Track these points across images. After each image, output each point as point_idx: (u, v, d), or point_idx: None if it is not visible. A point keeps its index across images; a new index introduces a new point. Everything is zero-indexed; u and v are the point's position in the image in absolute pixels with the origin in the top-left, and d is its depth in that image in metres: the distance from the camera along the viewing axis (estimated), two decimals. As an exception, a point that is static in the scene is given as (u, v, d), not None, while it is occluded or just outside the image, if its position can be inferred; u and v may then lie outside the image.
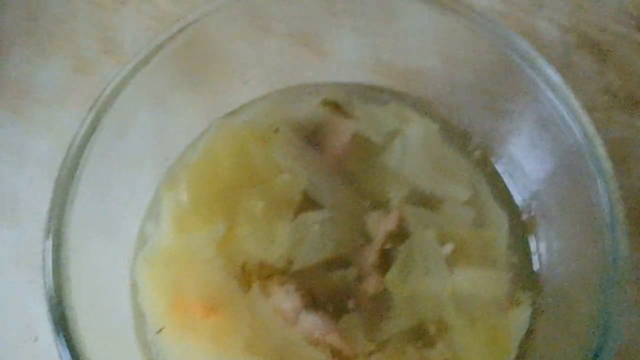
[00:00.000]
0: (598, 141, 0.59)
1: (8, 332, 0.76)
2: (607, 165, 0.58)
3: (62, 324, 0.56)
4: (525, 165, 0.68)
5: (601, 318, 0.56)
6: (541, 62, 0.62)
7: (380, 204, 0.69)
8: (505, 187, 0.70)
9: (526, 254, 0.68)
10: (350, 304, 0.65)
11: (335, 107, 0.72)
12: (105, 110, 0.61)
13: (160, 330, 0.65)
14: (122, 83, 0.62)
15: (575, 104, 0.60)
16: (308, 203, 0.68)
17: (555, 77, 0.61)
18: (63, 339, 0.55)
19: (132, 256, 0.68)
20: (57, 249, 0.58)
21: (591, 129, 0.59)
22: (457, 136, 0.72)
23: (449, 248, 0.66)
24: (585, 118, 0.60)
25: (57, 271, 0.57)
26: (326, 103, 0.72)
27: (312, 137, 0.71)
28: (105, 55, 0.84)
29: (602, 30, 0.82)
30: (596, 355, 0.55)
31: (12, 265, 0.78)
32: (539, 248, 0.68)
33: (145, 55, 0.63)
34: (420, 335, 0.65)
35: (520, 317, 0.66)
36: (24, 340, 0.75)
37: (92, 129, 0.60)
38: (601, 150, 0.58)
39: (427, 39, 0.71)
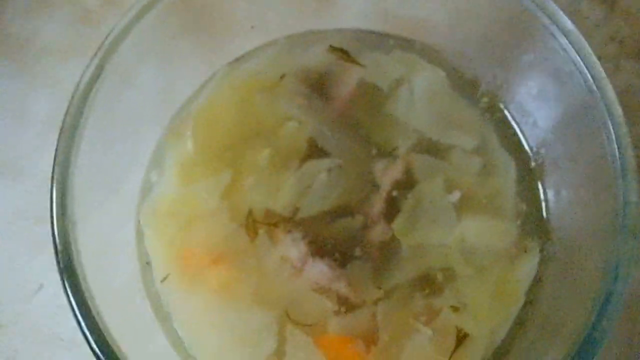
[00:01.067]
0: (609, 86, 0.58)
1: (13, 281, 0.76)
2: (618, 110, 0.57)
3: (68, 270, 0.55)
4: (534, 113, 0.67)
5: (610, 265, 0.55)
6: (554, 9, 0.61)
7: (387, 152, 0.68)
8: (513, 134, 0.69)
9: (535, 202, 0.68)
10: (357, 252, 0.65)
11: (342, 54, 0.71)
12: (108, 58, 0.60)
13: (165, 278, 0.64)
14: (125, 30, 0.61)
15: (588, 49, 0.59)
16: (314, 151, 0.68)
17: (568, 24, 0.60)
18: (70, 285, 0.55)
19: (136, 205, 0.67)
20: (63, 196, 0.57)
21: (602, 74, 0.58)
22: (465, 84, 0.71)
23: (456, 196, 0.66)
24: (596, 63, 0.59)
25: (62, 218, 0.56)
26: (332, 50, 0.71)
27: (318, 85, 0.70)
28: (109, 6, 0.83)
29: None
30: (605, 303, 0.54)
31: (17, 218, 0.78)
32: (548, 195, 0.67)
33: (148, 2, 0.62)
34: (428, 283, 0.65)
35: (528, 265, 0.65)
36: (29, 289, 0.76)
37: (96, 75, 0.60)
38: (612, 95, 0.58)
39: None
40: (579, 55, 0.60)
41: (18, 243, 0.77)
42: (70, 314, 0.71)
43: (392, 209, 0.66)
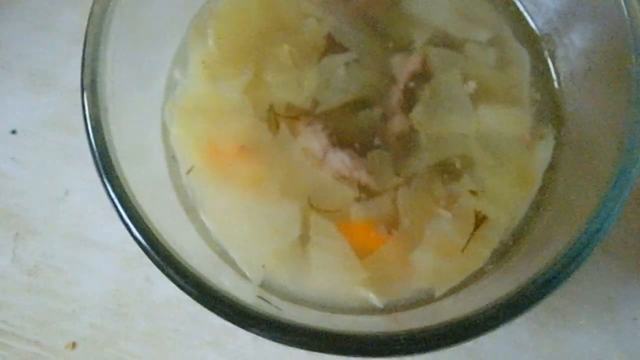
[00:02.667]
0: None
1: (40, 190, 0.78)
2: (630, -11, 0.58)
3: (105, 166, 0.57)
4: (545, 1, 0.69)
5: (623, 142, 0.57)
6: None
7: (404, 46, 0.70)
8: (527, 25, 0.71)
9: (549, 90, 0.69)
10: (377, 142, 0.67)
11: (359, -47, 0.72)
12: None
13: (190, 170, 0.66)
14: None
15: None
16: (333, 47, 0.69)
17: None
18: (108, 180, 0.56)
19: (162, 102, 0.69)
20: (93, 88, 0.58)
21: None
22: (478, -22, 0.72)
23: (472, 86, 0.68)
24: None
25: (95, 111, 0.58)
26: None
27: (337, -15, 0.72)
28: None
29: None
30: (618, 177, 0.56)
31: (44, 128, 0.80)
32: (561, 82, 0.69)
33: None
34: (446, 170, 0.67)
35: (543, 151, 0.67)
36: (55, 197, 0.78)
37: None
38: (623, -25, 0.59)
39: None
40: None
41: (45, 153, 0.79)
42: (98, 218, 0.75)
43: (409, 100, 0.68)
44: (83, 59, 0.59)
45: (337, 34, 0.69)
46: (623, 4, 0.58)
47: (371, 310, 0.64)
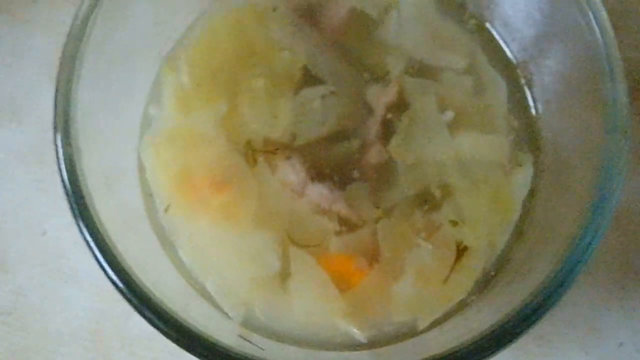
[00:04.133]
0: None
1: (17, 227, 0.77)
2: (602, 12, 0.58)
3: (79, 206, 0.56)
4: (521, 30, 0.69)
5: (602, 166, 0.56)
6: None
7: (380, 77, 0.70)
8: (501, 52, 0.71)
9: (526, 116, 0.69)
10: (355, 174, 0.67)
11: (330, -17, 0.72)
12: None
13: (167, 208, 0.65)
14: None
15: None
16: (309, 79, 0.69)
17: None
18: (82, 220, 0.55)
19: (137, 138, 0.68)
20: (66, 127, 0.57)
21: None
22: (452, 6, 0.72)
23: (449, 114, 0.67)
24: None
25: (68, 150, 0.57)
26: (320, -20, 0.72)
27: (310, 14, 0.72)
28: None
29: None
30: (598, 203, 0.56)
31: (18, 164, 0.79)
32: (538, 108, 0.69)
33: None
34: (426, 200, 0.66)
35: (522, 178, 0.67)
36: (32, 235, 0.77)
37: (90, 11, 0.60)
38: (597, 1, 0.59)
39: None
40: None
41: (20, 187, 0.78)
42: (73, 252, 0.74)
43: (387, 131, 0.68)
44: (55, 100, 0.58)
45: (312, 66, 0.69)
46: (597, 29, 0.58)
47: (355, 346, 0.64)
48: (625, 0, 0.80)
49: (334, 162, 0.67)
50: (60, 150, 0.57)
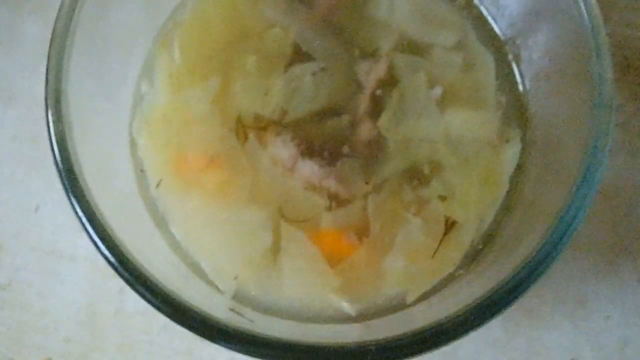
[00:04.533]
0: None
1: (9, 204, 0.78)
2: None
3: (71, 183, 0.56)
4: (508, 5, 0.70)
5: (588, 141, 0.57)
6: None
7: (370, 53, 0.70)
8: (490, 29, 0.72)
9: (514, 93, 0.70)
10: (345, 150, 0.67)
11: (321, -39, 0.72)
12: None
13: (159, 183, 0.66)
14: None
15: None
16: (299, 56, 0.69)
17: None
18: (74, 198, 0.56)
19: (129, 115, 0.69)
20: (57, 105, 0.58)
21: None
22: (441, -17, 0.72)
23: (438, 91, 0.68)
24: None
25: (59, 127, 0.58)
26: (311, -43, 0.72)
27: (301, -9, 0.72)
28: None
29: None
30: (584, 176, 0.56)
31: (10, 142, 0.79)
32: (526, 85, 0.69)
33: None
34: (415, 176, 0.67)
35: (510, 153, 0.68)
36: (25, 210, 0.78)
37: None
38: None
39: None
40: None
41: (14, 166, 0.78)
42: (68, 231, 0.74)
43: (377, 107, 0.68)
44: (47, 76, 0.58)
45: (303, 42, 0.69)
46: (583, 6, 0.59)
47: (344, 319, 0.65)
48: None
49: (324, 138, 0.67)
50: (52, 127, 0.57)
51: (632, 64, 0.78)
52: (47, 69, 0.58)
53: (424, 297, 0.64)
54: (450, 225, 0.65)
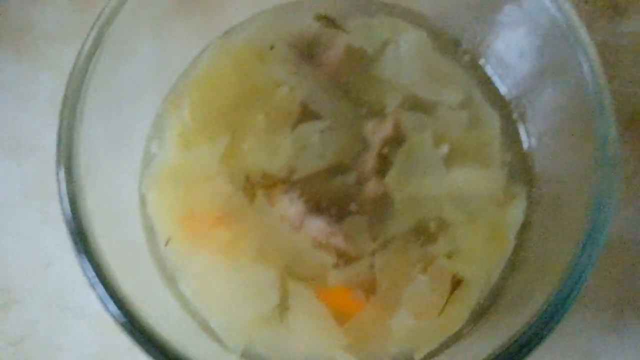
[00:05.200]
0: (582, 30, 0.60)
1: (21, 260, 0.79)
2: (593, 51, 0.59)
3: (82, 242, 0.57)
4: (514, 65, 0.70)
5: (593, 198, 0.57)
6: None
7: (377, 112, 0.71)
8: (495, 87, 0.72)
9: (519, 150, 0.70)
10: (353, 207, 0.68)
11: (328, 21, 0.73)
12: (104, 31, 0.62)
13: (168, 241, 0.67)
14: (119, 5, 0.63)
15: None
16: (307, 114, 0.70)
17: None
18: (85, 257, 0.57)
19: (139, 173, 0.70)
20: (69, 165, 0.59)
21: (577, 21, 0.61)
22: (447, 43, 0.74)
23: (444, 149, 0.69)
24: (570, 10, 0.61)
25: (70, 187, 0.58)
26: (318, 18, 0.74)
27: (308, 51, 0.73)
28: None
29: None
30: (590, 233, 0.56)
31: (22, 199, 0.80)
32: (531, 143, 0.70)
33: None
34: (422, 233, 0.67)
35: (516, 210, 0.68)
36: (36, 267, 0.78)
37: (94, 48, 0.61)
38: (587, 39, 0.60)
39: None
40: (554, 6, 0.62)
41: (26, 222, 0.79)
42: (80, 288, 0.75)
43: (383, 164, 0.69)
44: (58, 138, 0.59)
45: (310, 101, 0.70)
46: (587, 66, 0.59)
47: (352, 376, 0.65)
48: (619, 34, 0.81)
49: (331, 195, 0.68)
50: (63, 186, 0.58)
51: (635, 120, 0.78)
52: (58, 130, 0.59)
53: (431, 355, 0.65)
54: (457, 283, 0.65)
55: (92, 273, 0.56)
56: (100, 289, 0.56)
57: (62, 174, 0.58)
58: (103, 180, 0.64)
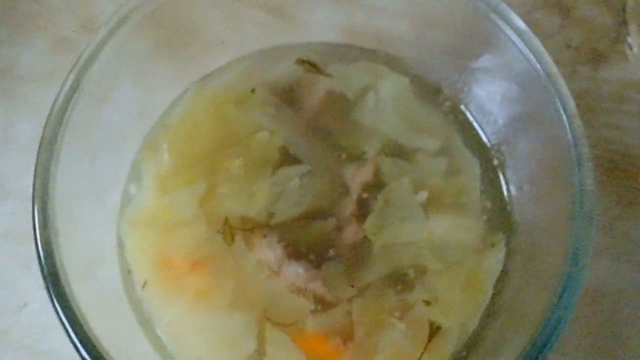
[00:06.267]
0: (561, 80, 0.61)
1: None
2: (571, 104, 0.60)
3: (54, 281, 0.57)
4: (494, 113, 0.71)
5: (569, 250, 0.58)
6: (508, 14, 0.64)
7: (356, 157, 0.71)
8: (475, 134, 0.73)
9: (498, 198, 0.71)
10: (331, 253, 0.68)
11: (309, 65, 0.74)
12: (83, 74, 0.62)
13: (144, 284, 0.66)
14: (98, 48, 0.63)
15: (541, 49, 0.63)
16: (286, 158, 0.71)
17: (522, 26, 0.64)
18: (55, 296, 0.57)
19: (117, 216, 0.69)
20: (44, 208, 0.59)
21: (556, 71, 0.62)
22: (427, 89, 0.74)
23: (423, 195, 0.69)
24: (549, 61, 0.62)
25: (45, 230, 0.58)
26: (300, 62, 0.74)
27: (288, 96, 0.73)
28: (86, 33, 0.86)
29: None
30: (565, 285, 0.57)
31: (2, 239, 0.79)
32: (511, 191, 0.70)
33: (116, 21, 0.64)
34: (399, 280, 0.67)
35: (494, 259, 0.68)
36: (13, 307, 0.77)
37: (72, 91, 0.62)
38: (565, 90, 0.61)
39: (397, 2, 0.73)
40: (533, 56, 0.63)
41: (3, 263, 0.78)
42: (55, 331, 0.74)
43: (362, 210, 0.69)
44: (34, 179, 0.59)
45: (290, 146, 0.71)
46: (565, 118, 0.60)
47: None
48: (600, 80, 0.82)
49: (310, 240, 0.68)
50: (38, 229, 0.58)
51: (617, 167, 0.79)
52: (34, 173, 0.59)
53: (408, 402, 0.64)
54: (434, 331, 0.65)
55: (64, 317, 0.56)
56: (74, 335, 0.55)
57: (37, 222, 0.59)
58: (80, 223, 0.64)
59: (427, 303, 0.66)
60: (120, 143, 0.70)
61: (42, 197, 0.59)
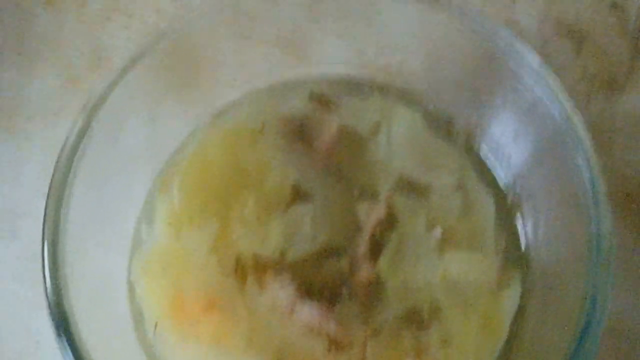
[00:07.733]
0: (577, 117, 0.60)
1: (10, 339, 0.77)
2: (587, 141, 0.59)
3: (63, 326, 0.57)
4: (509, 149, 0.70)
5: (588, 294, 0.57)
6: (523, 49, 0.64)
7: (369, 194, 0.70)
8: (490, 171, 0.72)
9: (514, 235, 0.69)
10: (345, 293, 0.67)
11: (321, 102, 0.73)
12: (94, 114, 0.62)
13: (155, 328, 0.66)
14: (109, 88, 0.63)
15: (557, 85, 0.62)
16: (299, 196, 0.70)
17: (537, 62, 0.63)
18: (65, 341, 0.56)
19: (128, 258, 0.69)
20: (54, 252, 0.59)
21: (572, 109, 0.61)
22: (441, 125, 0.73)
23: (437, 233, 0.68)
24: (565, 98, 0.61)
25: (55, 274, 0.58)
26: (312, 98, 0.73)
27: (299, 132, 0.73)
28: (95, 70, 0.86)
29: (576, 18, 0.84)
30: (584, 331, 0.56)
31: (12, 279, 0.79)
32: (526, 228, 0.69)
33: (130, 61, 0.64)
34: (414, 320, 0.66)
35: (510, 298, 0.67)
36: (26, 346, 0.77)
37: (83, 131, 0.62)
38: (580, 127, 0.60)
39: (409, 37, 0.72)
40: (549, 92, 0.62)
41: (14, 305, 0.78)
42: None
43: (376, 248, 0.68)
44: (44, 219, 0.59)
45: (302, 183, 0.70)
46: (581, 159, 0.59)
47: None
48: (615, 110, 0.81)
49: (323, 279, 0.67)
50: (47, 269, 0.58)
51: (633, 199, 0.78)
52: (44, 213, 0.59)
53: None
54: (450, 373, 0.64)
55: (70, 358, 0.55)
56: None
57: (46, 257, 0.58)
58: (90, 264, 0.64)
59: (443, 344, 0.65)
60: (130, 184, 0.70)
61: (52, 236, 0.59)
